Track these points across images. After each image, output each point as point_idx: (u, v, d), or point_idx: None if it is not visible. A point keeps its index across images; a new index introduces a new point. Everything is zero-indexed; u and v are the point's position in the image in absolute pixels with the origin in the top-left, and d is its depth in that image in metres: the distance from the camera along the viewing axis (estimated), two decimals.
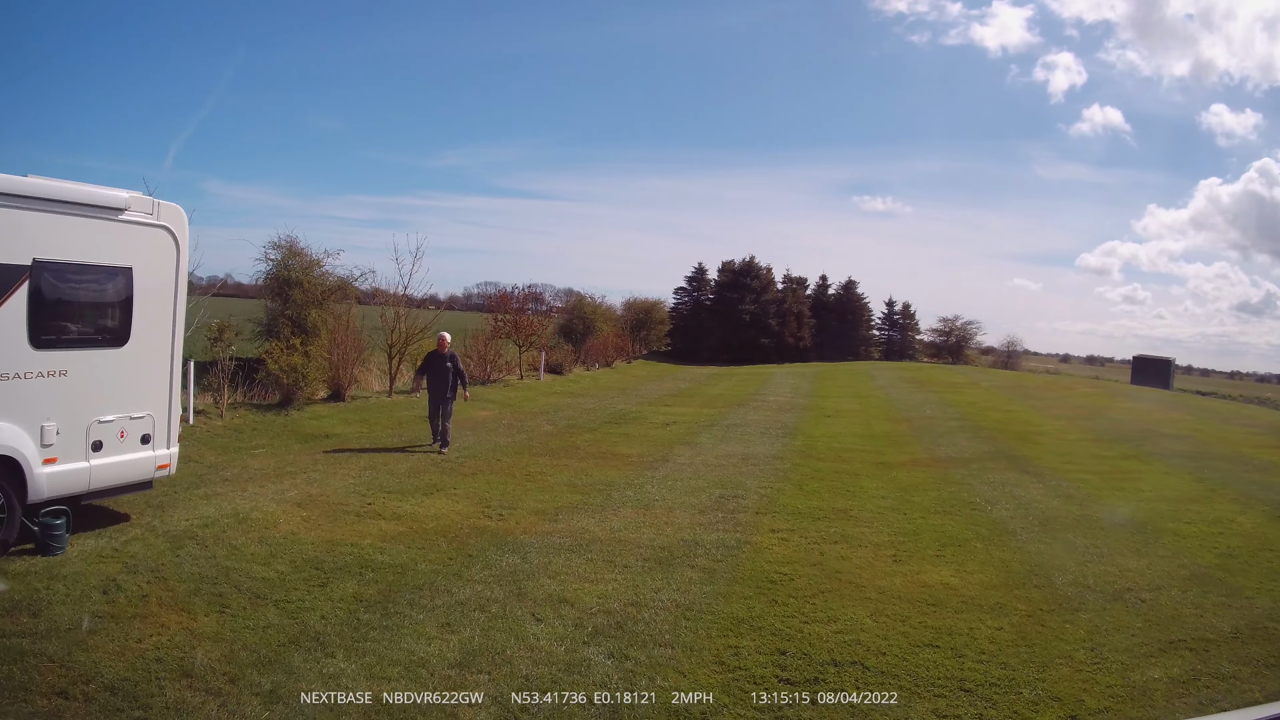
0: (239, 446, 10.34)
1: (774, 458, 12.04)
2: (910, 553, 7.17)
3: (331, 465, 9.56)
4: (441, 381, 10.64)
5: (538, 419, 14.98)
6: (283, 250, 16.18)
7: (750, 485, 9.79)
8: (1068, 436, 16.66)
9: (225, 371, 11.67)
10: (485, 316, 24.21)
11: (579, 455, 11.26)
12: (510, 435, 12.71)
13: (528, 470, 9.93)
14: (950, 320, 62.79)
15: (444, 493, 8.45)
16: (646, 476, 9.99)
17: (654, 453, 11.89)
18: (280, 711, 3.83)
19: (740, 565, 6.50)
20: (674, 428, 15.04)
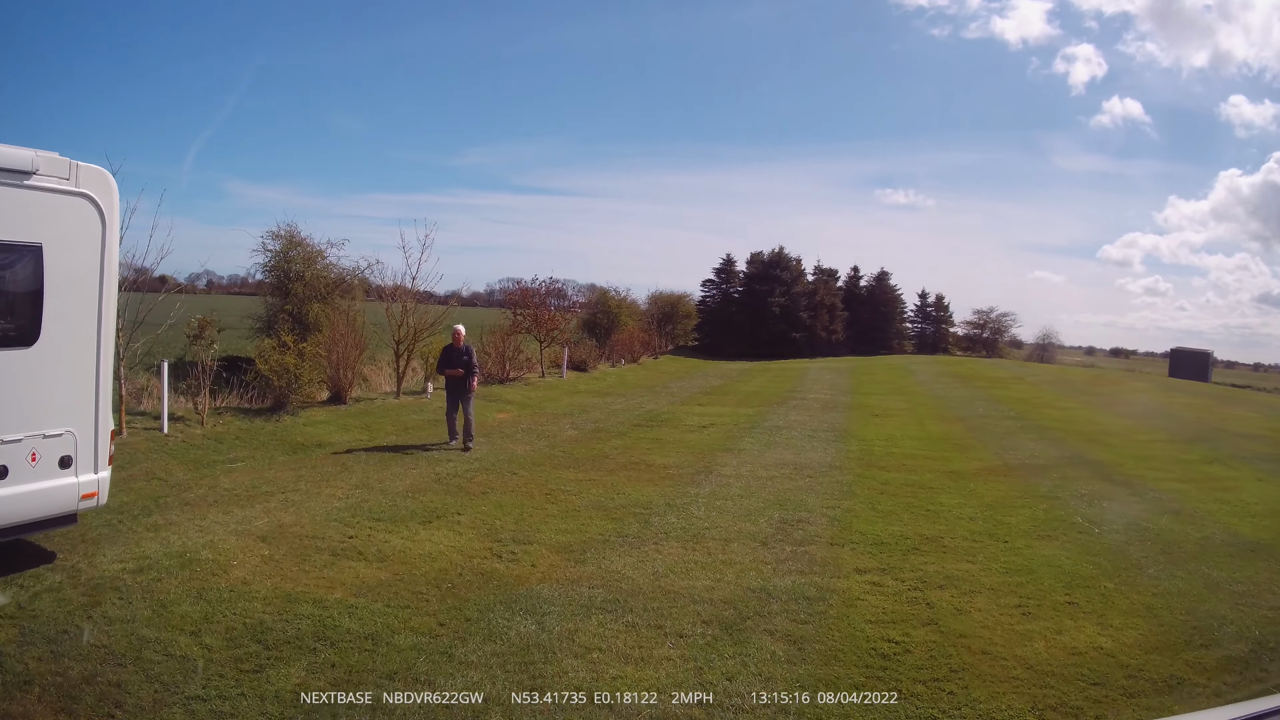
0: (215, 460, 8.91)
1: (831, 467, 10.35)
2: (1036, 600, 5.58)
3: (317, 482, 8.07)
4: (459, 376, 10.20)
5: (560, 422, 13.43)
6: (282, 240, 14.80)
7: (814, 505, 8.13)
8: (1137, 437, 15.01)
9: (207, 373, 10.27)
10: (505, 312, 22.74)
11: (608, 467, 9.67)
12: (529, 442, 11.16)
13: (548, 487, 8.36)
14: (984, 312, 60.77)
15: (445, 520, 6.90)
16: (689, 494, 8.37)
17: (694, 462, 10.26)
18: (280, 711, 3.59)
19: (832, 629, 4.84)
20: (712, 431, 13.39)
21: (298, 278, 14.60)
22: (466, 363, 10.19)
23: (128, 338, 9.33)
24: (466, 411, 10.20)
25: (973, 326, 61.07)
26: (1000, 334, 60.51)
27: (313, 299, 14.51)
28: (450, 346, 10.44)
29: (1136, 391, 28.62)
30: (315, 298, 14.64)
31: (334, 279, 15.22)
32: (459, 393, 10.23)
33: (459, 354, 10.25)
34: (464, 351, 10.28)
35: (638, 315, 34.50)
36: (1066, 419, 17.54)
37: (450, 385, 10.32)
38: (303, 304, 14.42)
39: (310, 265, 14.95)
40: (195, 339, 10.19)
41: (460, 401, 10.23)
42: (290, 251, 14.73)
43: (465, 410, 10.21)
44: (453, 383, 10.28)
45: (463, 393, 10.19)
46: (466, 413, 10.20)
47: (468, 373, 10.19)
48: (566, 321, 22.91)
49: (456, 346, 10.30)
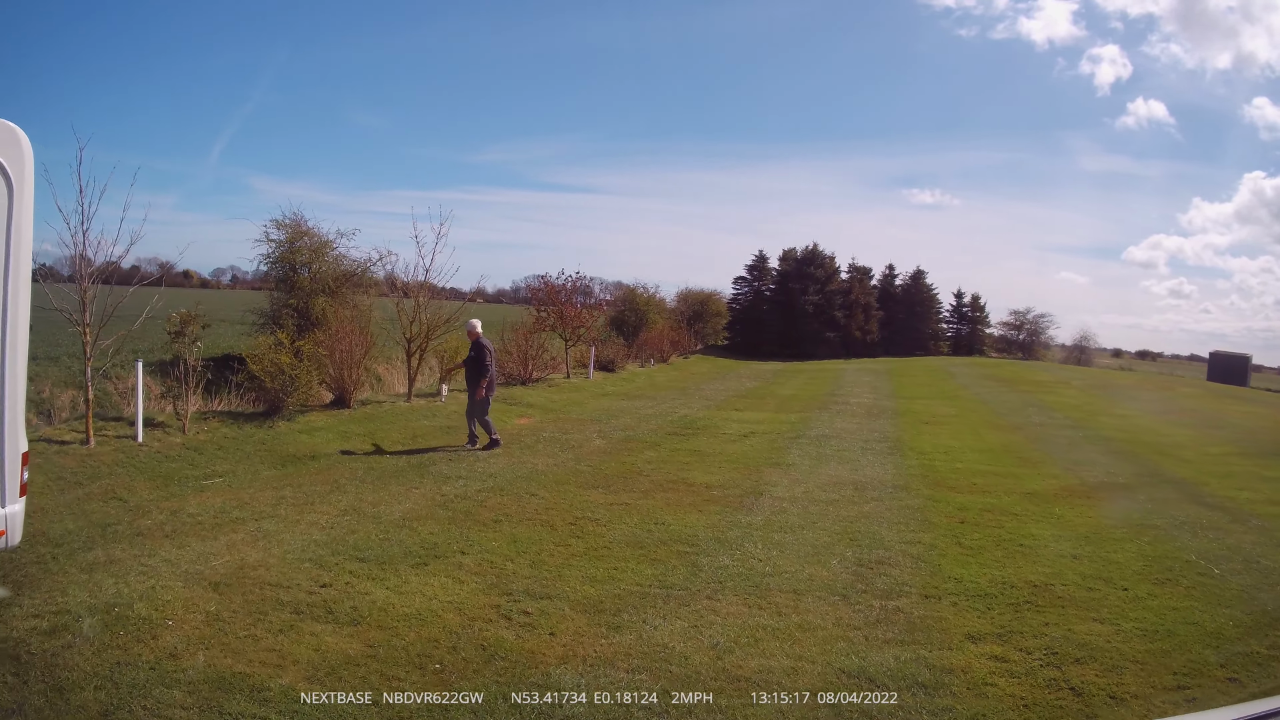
0: (189, 475, 7.73)
1: (895, 487, 8.87)
2: (1192, 675, 4.27)
3: (300, 506, 6.83)
4: (473, 377, 9.73)
5: (586, 429, 12.09)
6: (287, 229, 13.67)
7: (889, 539, 6.68)
8: (1210, 450, 13.35)
9: (191, 374, 9.12)
10: (529, 309, 21.49)
11: (642, 486, 8.29)
12: (551, 453, 9.83)
13: (573, 514, 7.01)
14: (1021, 313, 58.59)
15: (445, 560, 5.57)
16: (740, 524, 6.96)
17: (739, 480, 8.85)
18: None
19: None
20: (754, 441, 11.95)
21: (304, 269, 13.46)
22: (474, 360, 9.63)
23: (95, 335, 8.18)
24: (480, 412, 9.69)
25: (1009, 328, 59.19)
26: (1037, 336, 58.59)
27: (319, 293, 13.36)
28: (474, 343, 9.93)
29: (1187, 397, 26.96)
30: (323, 291, 13.50)
31: (343, 272, 14.05)
32: (469, 392, 9.76)
33: (472, 351, 9.76)
34: (474, 348, 9.72)
35: (666, 313, 33.19)
36: (1126, 428, 15.93)
37: (467, 385, 9.88)
38: (309, 298, 13.28)
39: (319, 257, 13.83)
40: (177, 336, 9.01)
41: (468, 401, 9.75)
42: (296, 242, 13.60)
43: (479, 412, 9.69)
44: (468, 383, 9.82)
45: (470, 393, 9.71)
46: (481, 414, 9.69)
47: (476, 373, 9.59)
48: (593, 319, 21.56)
49: (469, 343, 9.85)
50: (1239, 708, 1.76)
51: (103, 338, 8.58)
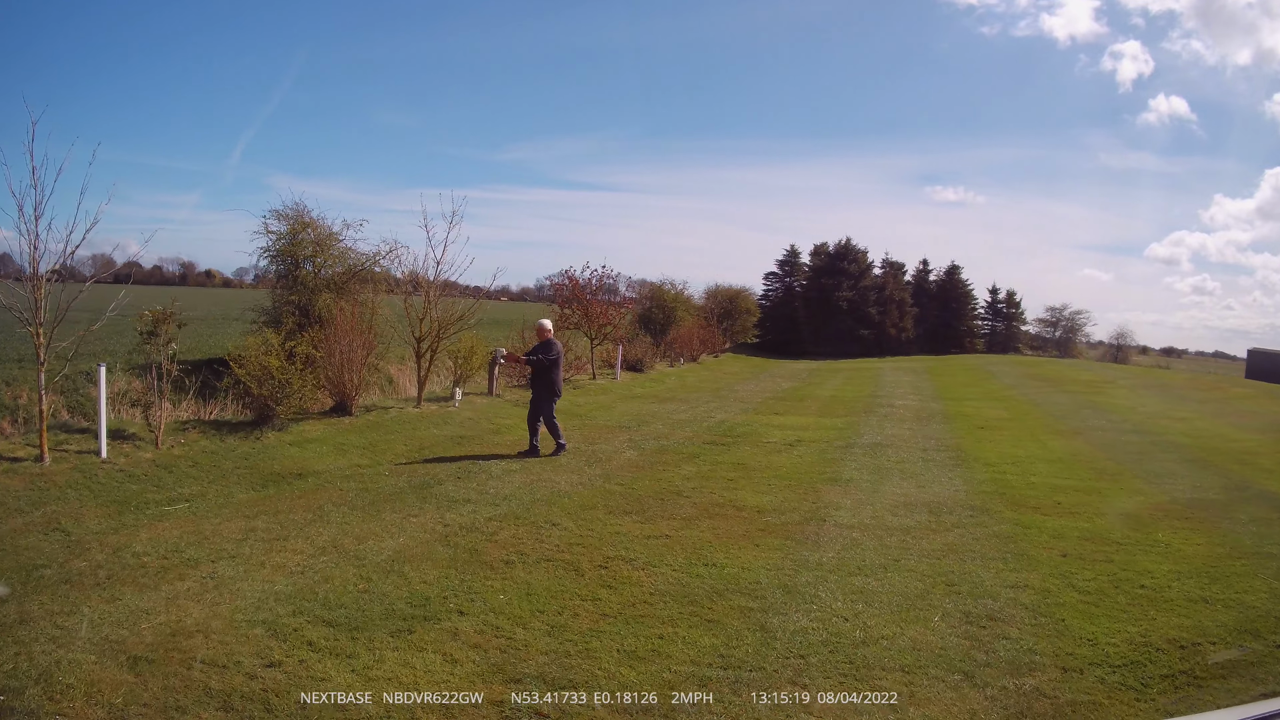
0: (150, 499, 6.58)
1: (973, 508, 7.42)
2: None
3: (271, 541, 5.61)
4: (539, 378, 9.28)
5: (615, 437, 10.79)
6: (288, 221, 12.55)
7: (990, 582, 5.28)
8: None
9: (165, 379, 8.00)
10: (551, 307, 20.25)
11: (684, 511, 6.96)
12: (576, 469, 8.55)
13: (603, 550, 5.69)
14: (1057, 310, 57.46)
15: (437, 623, 4.28)
16: (809, 563, 5.60)
17: (795, 502, 7.49)
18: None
19: None
20: (802, 451, 10.56)
21: (307, 264, 12.36)
22: (538, 361, 9.17)
23: (49, 336, 7.06)
24: (546, 416, 9.23)
25: (1045, 325, 58.05)
26: (1073, 333, 57.47)
27: (323, 289, 12.24)
28: (538, 344, 9.46)
29: (1242, 398, 24.82)
30: (327, 288, 12.38)
31: (350, 266, 12.92)
32: (535, 394, 9.33)
33: (538, 352, 9.25)
34: (541, 349, 9.24)
35: (694, 311, 31.82)
36: (1193, 432, 14.20)
37: (532, 386, 9.49)
38: (312, 295, 12.17)
39: (323, 250, 12.70)
40: (149, 337, 7.88)
41: (535, 404, 9.30)
42: (299, 234, 12.48)
43: (545, 416, 9.24)
44: (533, 384, 9.43)
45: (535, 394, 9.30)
46: (546, 418, 9.23)
47: (541, 372, 9.19)
48: (621, 316, 20.24)
49: (540, 342, 9.33)
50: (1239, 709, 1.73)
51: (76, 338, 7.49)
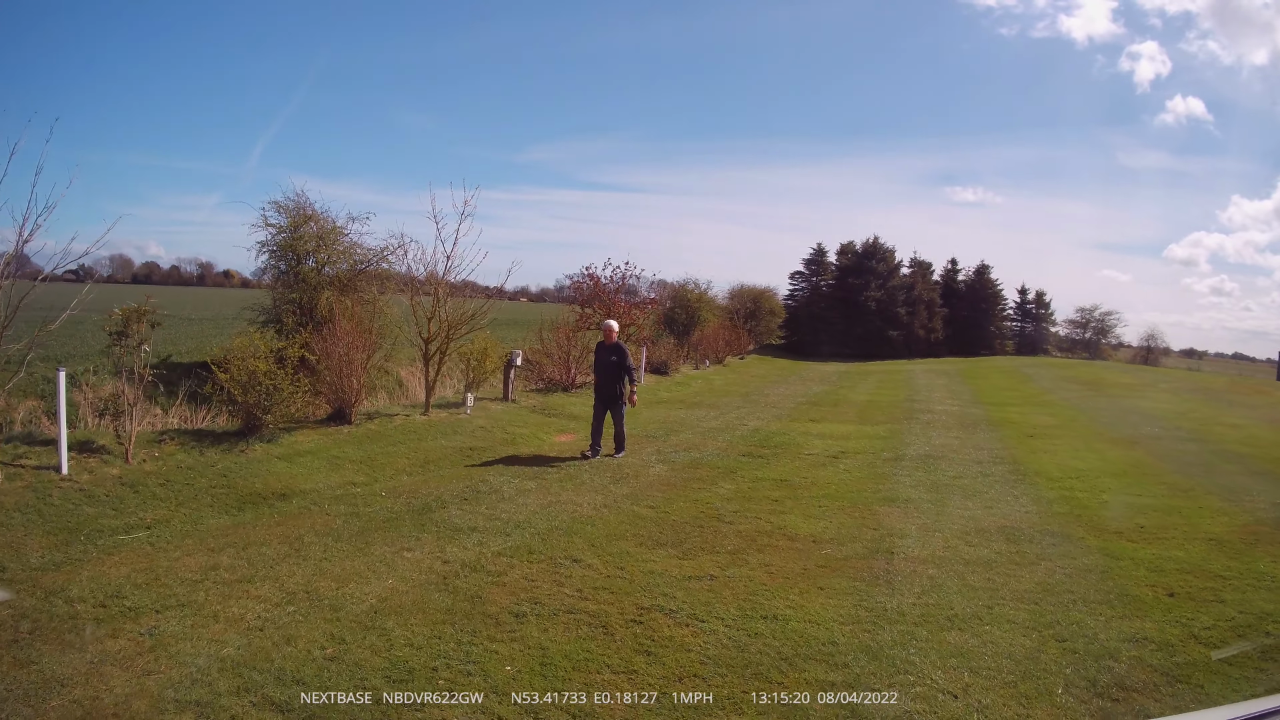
0: (106, 525, 5.64)
1: (1051, 534, 6.36)
2: None
3: (231, 584, 4.63)
4: (608, 380, 9.00)
5: (642, 449, 9.73)
6: (289, 213, 11.66)
7: (1103, 635, 4.33)
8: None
9: (139, 384, 7.08)
10: (572, 307, 19.22)
11: (727, 542, 5.88)
12: (600, 487, 7.49)
13: (636, 598, 4.63)
14: (1087, 311, 55.14)
15: (418, 713, 3.26)
16: (887, 613, 4.53)
17: (854, 528, 6.41)
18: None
19: None
20: (849, 464, 9.43)
21: (309, 259, 11.46)
22: (617, 364, 8.92)
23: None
24: (616, 421, 9.02)
25: (1074, 326, 55.85)
26: (1104, 334, 55.35)
27: (327, 286, 11.34)
28: (601, 344, 9.29)
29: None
30: (331, 285, 11.48)
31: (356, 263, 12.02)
32: (608, 400, 8.97)
33: (608, 353, 9.03)
34: (613, 350, 9.00)
35: (718, 311, 30.71)
36: (1250, 440, 12.96)
37: (597, 388, 9.11)
38: (314, 291, 11.27)
39: (328, 245, 11.80)
40: (118, 338, 6.96)
41: (609, 410, 9.00)
42: (300, 228, 11.58)
43: (615, 420, 9.02)
44: (600, 386, 9.06)
45: (613, 401, 8.96)
46: (616, 421, 9.02)
47: (621, 376, 8.95)
48: (645, 316, 19.18)
49: (607, 344, 9.12)
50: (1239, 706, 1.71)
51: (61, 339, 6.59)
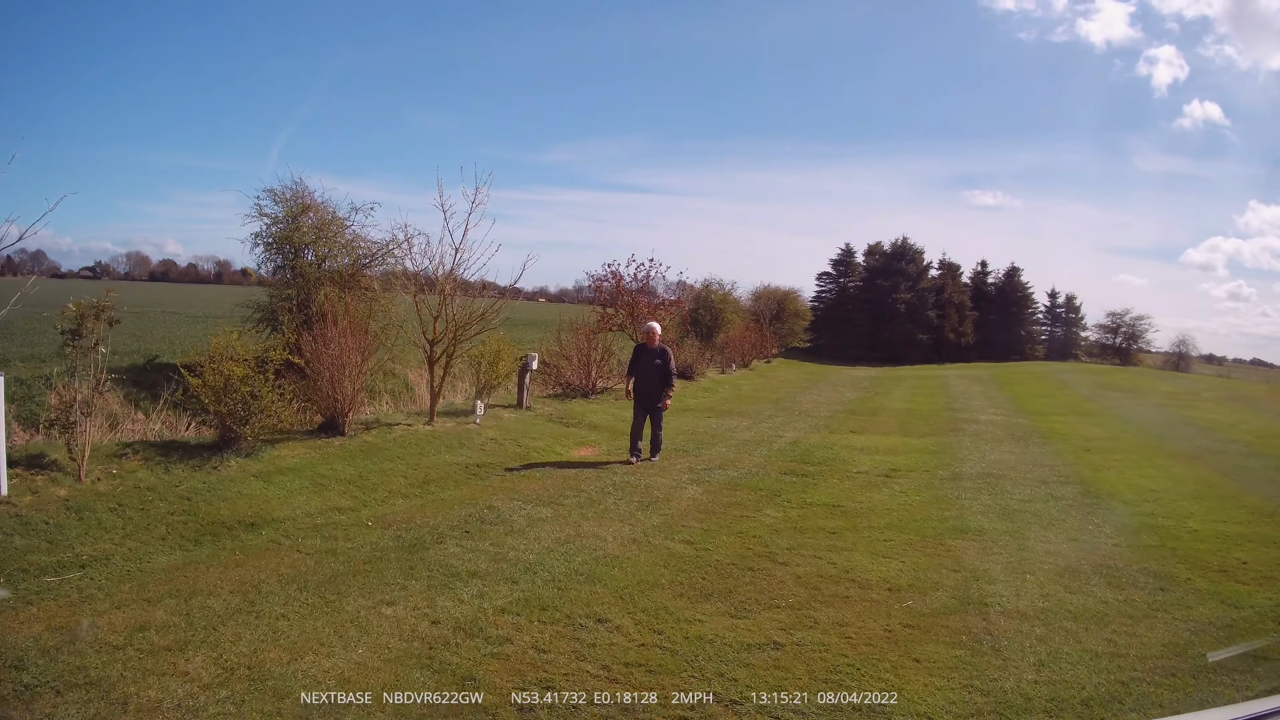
0: (35, 564, 4.64)
1: (1153, 575, 5.41)
2: None
3: (159, 654, 3.58)
4: (653, 384, 8.72)
5: (674, 465, 8.63)
6: (286, 202, 10.71)
7: None
8: None
9: (97, 390, 6.12)
10: (592, 307, 18.12)
11: (786, 591, 4.76)
12: (626, 515, 6.38)
13: (681, 678, 3.52)
14: (1118, 315, 53.06)
15: None
16: (1009, 700, 3.54)
17: (929, 569, 5.36)
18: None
19: None
20: (903, 485, 8.27)
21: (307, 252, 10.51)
22: (660, 368, 8.65)
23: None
24: (655, 424, 8.76)
25: (1105, 330, 53.88)
26: (1135, 340, 53.45)
27: (326, 282, 10.37)
28: (641, 347, 8.92)
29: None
30: (331, 280, 10.51)
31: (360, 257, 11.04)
32: (650, 403, 8.69)
33: (652, 357, 8.70)
34: (658, 353, 8.70)
35: (742, 313, 29.57)
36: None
37: (639, 394, 8.76)
38: (313, 287, 10.31)
39: (328, 237, 10.84)
40: (71, 337, 5.99)
41: (649, 415, 8.73)
42: (298, 218, 10.62)
43: (655, 425, 8.75)
44: (643, 390, 8.72)
45: (654, 405, 8.69)
46: (655, 425, 8.76)
47: (663, 380, 8.68)
48: (670, 317, 18.06)
49: (650, 347, 8.74)
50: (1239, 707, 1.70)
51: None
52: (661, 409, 8.74)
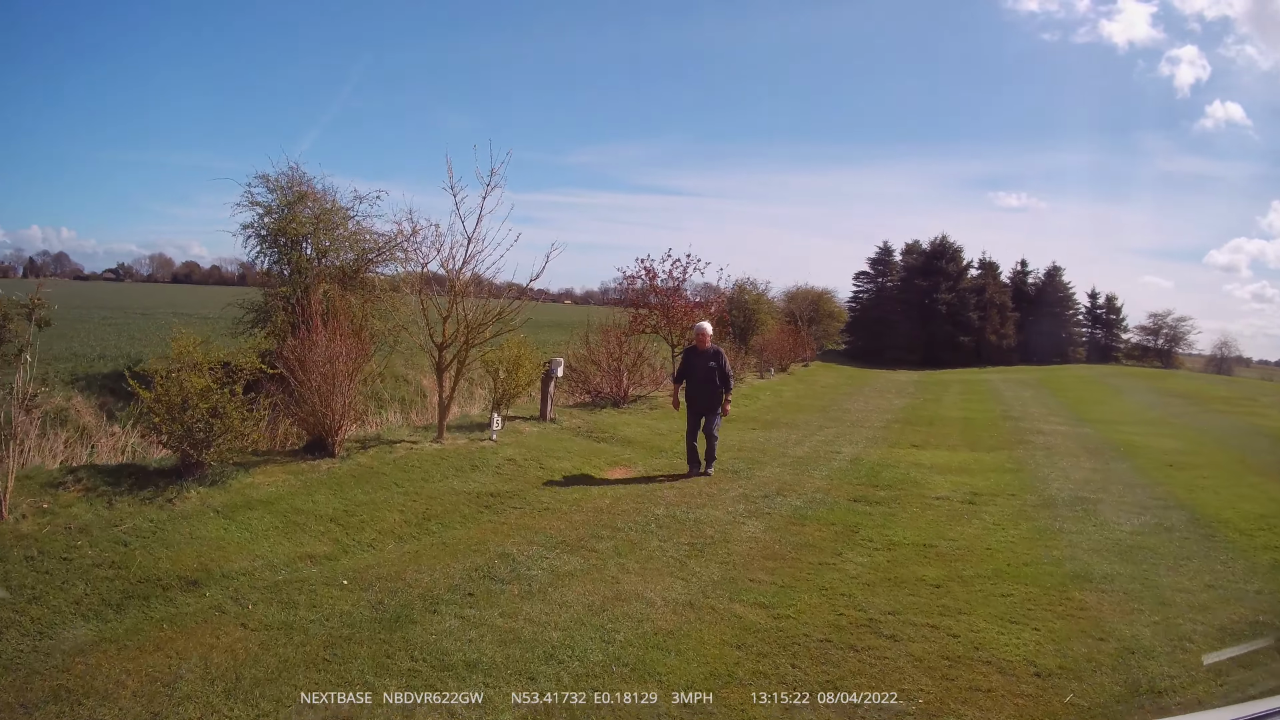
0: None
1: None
2: None
3: None
4: (707, 389, 7.98)
5: (726, 491, 7.28)
6: (280, 191, 9.58)
7: None
8: None
9: (20, 406, 4.97)
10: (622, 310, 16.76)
11: (906, 681, 3.42)
12: (676, 566, 5.03)
13: None
14: (1160, 317, 51.76)
15: None
16: None
17: (1073, 640, 4.15)
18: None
19: None
20: (993, 513, 6.82)
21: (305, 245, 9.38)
22: (717, 370, 8.00)
23: None
24: (709, 432, 8.04)
25: (1146, 333, 52.54)
26: (1177, 342, 52.29)
27: (325, 278, 9.23)
28: (691, 350, 8.34)
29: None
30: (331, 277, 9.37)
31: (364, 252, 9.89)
32: (703, 410, 8.04)
33: (705, 360, 8.05)
34: (711, 355, 8.06)
35: (776, 314, 28.15)
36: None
37: (692, 399, 8.12)
38: (311, 285, 9.17)
39: (328, 229, 9.70)
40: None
41: (705, 420, 8.06)
42: (294, 207, 9.47)
43: (708, 431, 8.05)
44: (695, 397, 8.08)
45: (710, 410, 8.03)
46: (709, 433, 8.05)
47: (719, 384, 8.01)
48: (711, 318, 16.68)
49: (701, 349, 8.11)
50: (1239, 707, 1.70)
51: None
52: (721, 415, 8.13)
